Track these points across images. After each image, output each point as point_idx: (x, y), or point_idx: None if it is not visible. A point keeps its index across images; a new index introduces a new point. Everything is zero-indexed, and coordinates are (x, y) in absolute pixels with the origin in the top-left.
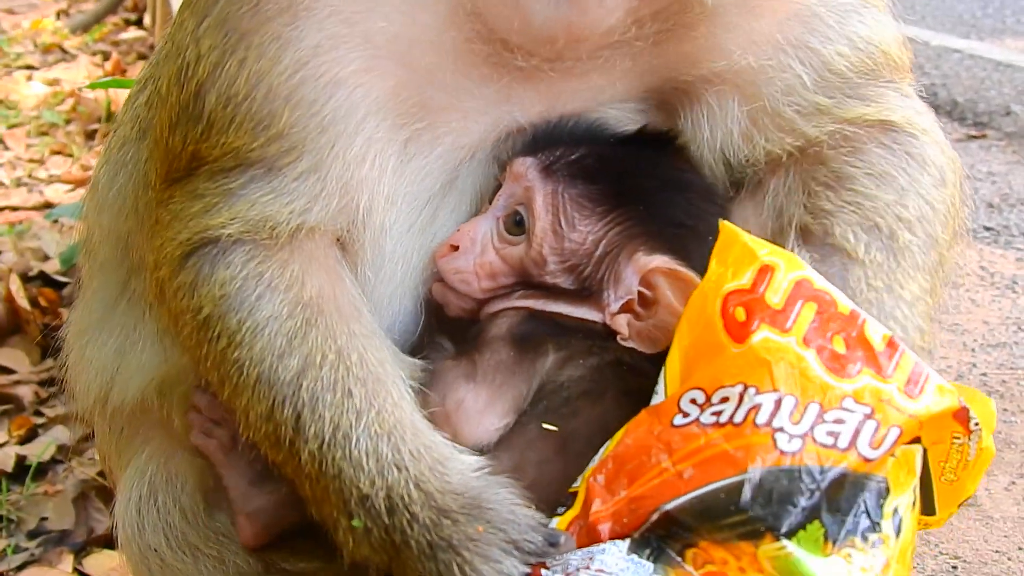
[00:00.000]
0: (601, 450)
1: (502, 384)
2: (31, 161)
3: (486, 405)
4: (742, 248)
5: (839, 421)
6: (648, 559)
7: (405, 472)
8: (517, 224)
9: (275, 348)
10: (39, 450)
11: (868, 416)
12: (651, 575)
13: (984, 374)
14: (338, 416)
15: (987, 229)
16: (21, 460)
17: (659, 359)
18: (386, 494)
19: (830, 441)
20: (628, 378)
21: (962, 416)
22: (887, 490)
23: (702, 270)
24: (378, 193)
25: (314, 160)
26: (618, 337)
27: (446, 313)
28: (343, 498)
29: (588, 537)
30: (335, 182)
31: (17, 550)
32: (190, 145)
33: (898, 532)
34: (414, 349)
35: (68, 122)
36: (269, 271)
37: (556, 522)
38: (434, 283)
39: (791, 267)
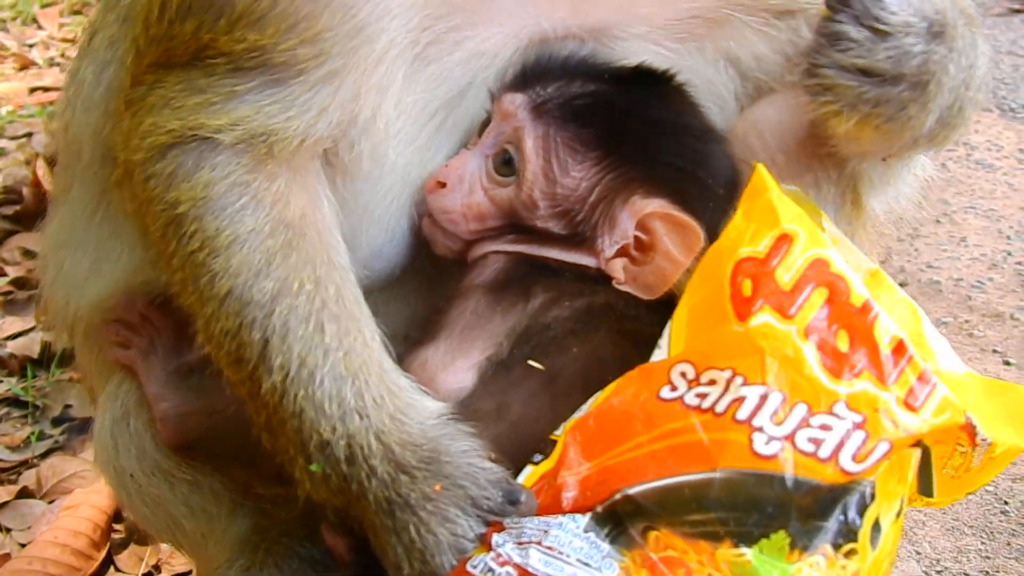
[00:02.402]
0: (590, 400)
1: (467, 335)
2: (64, 40)
3: (449, 360)
4: (766, 205)
5: (825, 427)
6: (605, 538)
7: (366, 420)
8: (506, 164)
9: (252, 265)
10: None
11: (858, 425)
12: (605, 557)
13: (1020, 263)
14: (306, 351)
15: None
16: (47, 346)
17: (653, 305)
18: (347, 442)
19: (811, 448)
20: (621, 321)
21: (968, 430)
22: (872, 497)
23: (700, 216)
24: (388, 99)
25: (335, 66)
26: (613, 282)
27: (434, 250)
28: (302, 439)
29: (552, 500)
30: (348, 90)
31: (41, 436)
32: (205, 34)
33: (875, 544)
34: (404, 272)
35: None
36: (256, 182)
37: (529, 471)
38: (423, 219)
39: (811, 242)
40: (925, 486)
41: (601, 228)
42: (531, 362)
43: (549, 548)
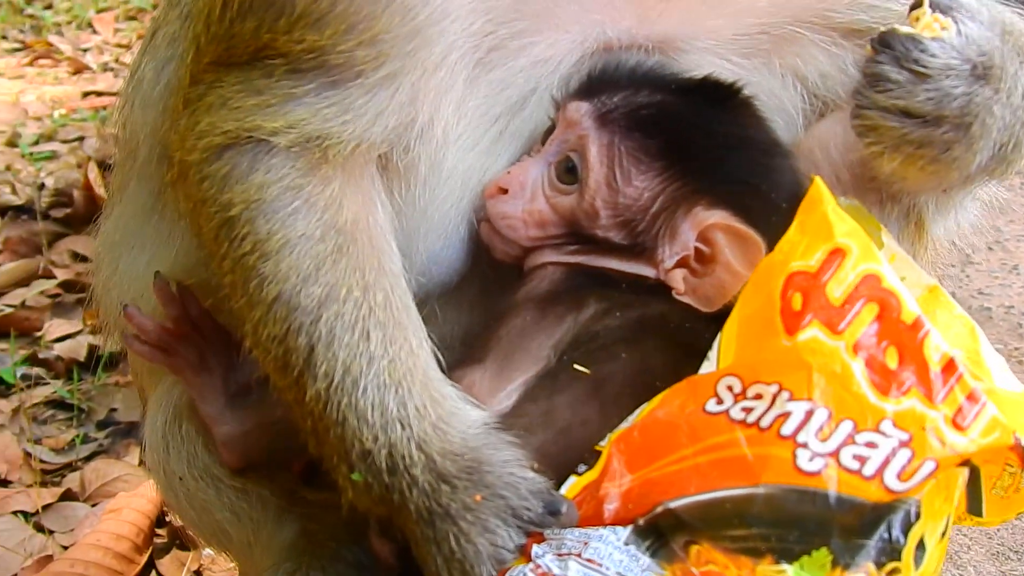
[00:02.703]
0: (636, 412)
1: (514, 357)
2: (118, 46)
3: (496, 386)
4: (821, 218)
5: (871, 445)
6: (647, 551)
7: (408, 430)
8: (569, 172)
9: (301, 270)
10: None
11: (904, 444)
12: (644, 570)
13: None
14: (351, 359)
15: None
16: (93, 350)
17: (708, 317)
18: (388, 452)
19: (856, 466)
20: (673, 332)
21: (1017, 451)
22: (918, 515)
23: (763, 230)
24: (446, 103)
25: (393, 68)
26: (673, 292)
27: (492, 255)
28: (345, 448)
29: (594, 511)
30: (405, 94)
31: (86, 440)
32: (264, 34)
33: (919, 563)
34: (463, 279)
35: (155, 7)
36: (310, 185)
37: (573, 481)
38: (481, 223)
39: (864, 257)
40: (975, 506)
41: (662, 239)
42: (576, 366)
43: (589, 560)
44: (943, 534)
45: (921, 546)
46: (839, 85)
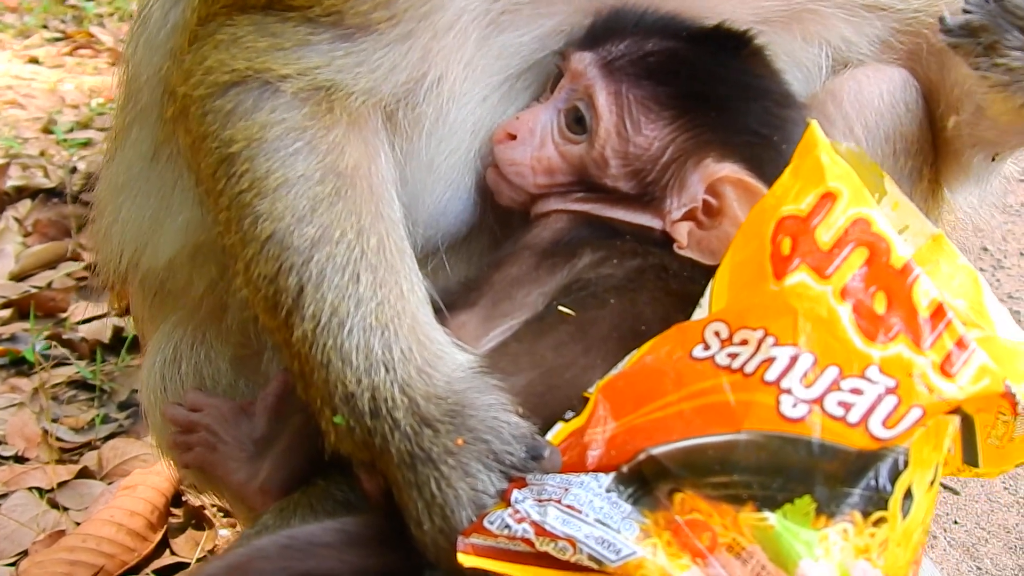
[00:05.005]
0: (626, 359)
1: (506, 304)
2: None
3: (484, 332)
4: (814, 163)
5: (856, 391)
6: (629, 499)
7: (392, 373)
8: (578, 122)
9: (296, 210)
10: None
11: (890, 390)
12: (625, 518)
13: None
14: (339, 300)
15: None
16: (118, 332)
17: (708, 269)
18: (371, 395)
19: (840, 412)
20: (671, 281)
21: (1009, 398)
22: (906, 464)
23: (773, 182)
24: (456, 62)
25: (407, 29)
26: (675, 245)
27: (497, 200)
28: (328, 391)
29: (578, 458)
30: (418, 53)
31: (106, 420)
32: None
33: (906, 512)
34: (471, 230)
35: None
36: (313, 128)
37: (559, 428)
38: (488, 170)
39: (855, 200)
40: (970, 456)
41: (670, 190)
42: (561, 308)
43: (569, 507)
44: (932, 483)
45: (909, 495)
46: (864, 48)
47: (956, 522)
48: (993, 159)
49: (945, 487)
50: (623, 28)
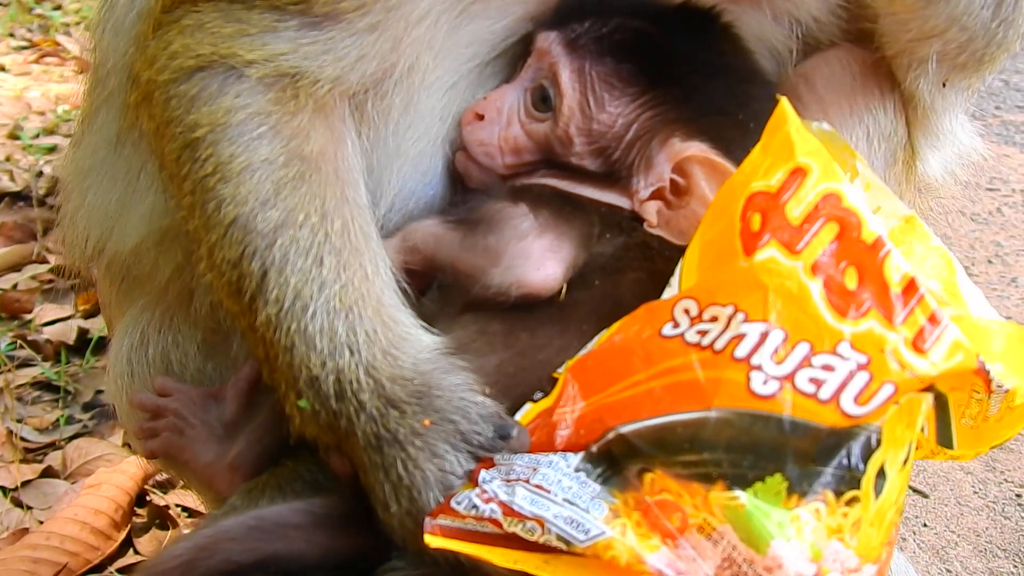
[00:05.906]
0: (596, 338)
1: (563, 233)
2: None
3: (550, 249)
4: (784, 138)
5: (828, 368)
6: (598, 478)
7: (357, 356)
8: (543, 100)
9: (260, 194)
10: (101, 324)
11: (862, 367)
12: (593, 497)
13: None
14: (302, 284)
15: None
16: (83, 333)
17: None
18: (336, 377)
19: (811, 389)
20: (655, 260)
21: (982, 375)
22: (879, 442)
23: (741, 161)
24: (426, 51)
25: (377, 19)
26: (645, 224)
27: (468, 185)
28: (293, 374)
29: (547, 438)
30: (388, 43)
31: (70, 421)
32: None
33: (879, 492)
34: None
35: None
36: (277, 113)
37: (528, 408)
38: (457, 153)
39: (825, 176)
40: (944, 437)
41: (637, 169)
42: None
43: (537, 486)
44: (905, 462)
45: (882, 474)
46: (831, 27)
47: (926, 525)
48: (944, 85)
49: (915, 490)
50: (589, 6)
